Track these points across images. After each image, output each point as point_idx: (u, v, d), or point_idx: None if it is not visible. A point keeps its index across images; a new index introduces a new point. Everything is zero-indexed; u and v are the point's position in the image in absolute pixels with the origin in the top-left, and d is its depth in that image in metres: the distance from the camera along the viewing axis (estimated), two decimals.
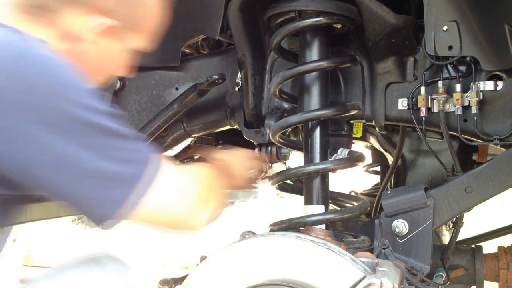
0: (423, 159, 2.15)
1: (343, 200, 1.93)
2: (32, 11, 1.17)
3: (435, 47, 1.61)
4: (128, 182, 1.11)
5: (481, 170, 1.65)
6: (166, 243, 7.01)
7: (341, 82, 1.89)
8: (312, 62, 1.70)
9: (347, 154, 1.77)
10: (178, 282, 1.74)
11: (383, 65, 1.79)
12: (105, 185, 1.09)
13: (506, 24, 1.51)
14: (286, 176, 1.76)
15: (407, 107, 1.77)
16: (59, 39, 1.19)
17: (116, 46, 1.27)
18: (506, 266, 1.91)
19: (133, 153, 1.12)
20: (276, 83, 1.73)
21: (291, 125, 1.73)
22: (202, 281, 1.39)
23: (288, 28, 1.67)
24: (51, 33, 1.18)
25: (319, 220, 1.63)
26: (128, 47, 1.30)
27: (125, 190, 1.10)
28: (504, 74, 1.65)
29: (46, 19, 1.17)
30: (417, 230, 1.62)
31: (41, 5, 1.17)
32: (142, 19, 1.28)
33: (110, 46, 1.25)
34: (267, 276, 1.34)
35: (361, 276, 1.27)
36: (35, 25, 1.17)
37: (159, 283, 1.76)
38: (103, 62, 1.27)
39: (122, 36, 1.26)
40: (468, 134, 1.70)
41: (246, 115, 2.00)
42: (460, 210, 1.68)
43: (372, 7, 1.64)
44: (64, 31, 1.19)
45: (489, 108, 1.68)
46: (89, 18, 1.19)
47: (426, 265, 1.61)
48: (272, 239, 1.38)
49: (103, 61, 1.27)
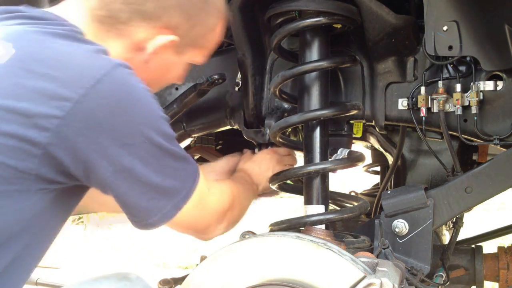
0: (423, 159, 2.15)
1: (343, 200, 1.93)
2: (105, 21, 1.29)
3: (435, 47, 1.61)
4: (172, 195, 1.27)
5: (481, 170, 1.65)
6: (166, 243, 7.01)
7: (341, 82, 1.89)
8: (312, 62, 1.70)
9: (347, 154, 1.77)
10: (178, 282, 1.74)
11: (383, 65, 1.79)
12: (153, 196, 1.24)
13: (506, 24, 1.51)
14: (286, 176, 1.76)
15: (407, 107, 1.76)
16: (126, 49, 1.32)
17: (174, 59, 1.40)
18: (506, 266, 1.91)
19: (181, 172, 1.28)
20: (276, 83, 1.73)
21: (291, 125, 1.73)
22: (202, 281, 1.39)
23: (288, 28, 1.66)
24: (119, 42, 1.31)
25: (319, 220, 1.63)
26: (185, 60, 1.43)
27: (168, 202, 1.27)
28: (504, 74, 1.65)
29: (117, 29, 1.30)
30: (417, 230, 1.62)
31: (114, 16, 1.29)
32: (201, 37, 1.40)
33: (169, 58, 1.38)
34: (267, 276, 1.34)
35: (361, 276, 1.27)
36: (106, 34, 1.30)
37: (159, 283, 1.76)
38: (161, 72, 1.41)
39: (181, 50, 1.38)
40: (468, 134, 1.70)
41: (246, 115, 2.00)
42: (460, 210, 1.67)
43: (372, 7, 1.64)
44: (132, 42, 1.32)
45: (489, 108, 1.68)
46: (154, 32, 1.31)
47: (426, 265, 1.61)
48: (272, 239, 1.38)
49: (161, 71, 1.40)
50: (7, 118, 1.11)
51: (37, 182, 1.15)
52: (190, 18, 1.35)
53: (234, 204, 1.52)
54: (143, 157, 1.20)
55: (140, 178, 1.21)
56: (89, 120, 1.13)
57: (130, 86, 1.19)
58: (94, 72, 1.14)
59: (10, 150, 1.11)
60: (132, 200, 1.24)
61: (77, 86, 1.12)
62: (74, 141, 1.13)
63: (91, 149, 1.14)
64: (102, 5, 1.29)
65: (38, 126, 1.11)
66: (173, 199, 1.27)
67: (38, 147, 1.12)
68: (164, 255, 6.36)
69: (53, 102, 1.11)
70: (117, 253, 6.37)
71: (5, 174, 1.12)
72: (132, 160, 1.18)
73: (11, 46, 1.17)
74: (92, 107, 1.13)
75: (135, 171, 1.19)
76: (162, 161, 1.23)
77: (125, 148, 1.17)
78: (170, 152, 1.25)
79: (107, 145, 1.15)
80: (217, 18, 1.43)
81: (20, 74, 1.13)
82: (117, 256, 6.35)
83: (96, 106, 1.13)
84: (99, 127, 1.14)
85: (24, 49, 1.17)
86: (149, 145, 1.20)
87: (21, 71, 1.14)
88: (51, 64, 1.14)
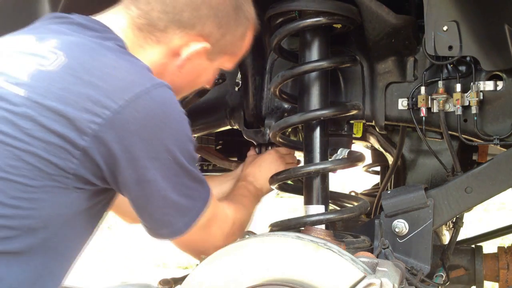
0: (423, 159, 2.15)
1: (343, 200, 1.93)
2: (144, 29, 1.41)
3: (435, 47, 1.61)
4: (184, 213, 1.36)
5: (481, 170, 1.65)
6: (166, 243, 7.01)
7: (341, 82, 1.89)
8: (312, 62, 1.70)
9: (347, 154, 1.77)
10: (178, 282, 1.74)
11: (383, 65, 1.79)
12: (167, 211, 1.34)
13: (506, 24, 1.51)
14: (286, 176, 1.76)
15: (407, 107, 1.76)
16: (162, 54, 1.43)
17: (206, 64, 1.50)
18: (506, 266, 1.91)
19: (195, 192, 1.37)
20: (276, 83, 1.73)
21: (291, 125, 1.73)
22: (202, 281, 1.39)
23: (288, 28, 1.67)
24: (157, 48, 1.42)
25: (319, 220, 1.63)
26: (215, 66, 1.53)
27: (179, 219, 1.36)
28: (504, 74, 1.65)
29: (155, 36, 1.41)
30: (417, 230, 1.62)
31: (153, 24, 1.40)
32: (231, 44, 1.51)
33: (201, 63, 1.48)
34: (267, 276, 1.34)
35: (361, 276, 1.27)
36: (145, 40, 1.41)
37: (159, 283, 1.76)
38: (193, 76, 1.51)
39: (212, 57, 1.49)
40: (468, 134, 1.70)
41: (246, 115, 2.00)
42: (460, 210, 1.67)
43: (372, 7, 1.64)
44: (168, 48, 1.43)
45: (489, 108, 1.68)
46: (189, 39, 1.42)
47: (426, 265, 1.61)
48: (272, 239, 1.38)
49: (193, 75, 1.50)
50: (54, 118, 1.20)
51: (75, 181, 1.24)
52: (222, 27, 1.45)
53: (234, 230, 1.60)
54: (165, 172, 1.29)
55: (159, 191, 1.30)
56: (123, 129, 1.22)
57: (167, 105, 1.29)
58: (135, 87, 1.24)
59: (55, 148, 1.20)
60: (147, 210, 1.34)
61: (118, 97, 1.22)
62: (108, 147, 1.22)
63: (121, 157, 1.24)
64: (142, 13, 1.40)
65: (79, 129, 1.20)
66: (184, 216, 1.36)
67: (78, 148, 1.21)
68: (164, 255, 6.36)
69: (95, 109, 1.21)
70: (117, 253, 6.37)
71: (48, 170, 1.21)
72: (155, 174, 1.27)
73: (62, 54, 1.27)
74: (128, 119, 1.22)
75: (155, 184, 1.28)
76: (181, 179, 1.32)
77: (151, 161, 1.26)
78: (189, 173, 1.34)
79: (136, 156, 1.25)
80: (246, 28, 1.53)
81: (69, 80, 1.23)
82: (117, 256, 6.35)
83: (132, 119, 1.23)
84: (131, 138, 1.23)
85: (75, 59, 1.26)
86: (173, 163, 1.29)
87: (71, 78, 1.23)
88: (98, 74, 1.24)
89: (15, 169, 1.19)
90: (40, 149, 1.19)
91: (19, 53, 1.31)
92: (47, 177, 1.21)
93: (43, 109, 1.20)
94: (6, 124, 1.20)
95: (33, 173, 1.20)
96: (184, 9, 1.40)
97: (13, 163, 1.19)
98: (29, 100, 1.21)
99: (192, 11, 1.41)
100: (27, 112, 1.20)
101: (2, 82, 1.25)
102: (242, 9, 1.49)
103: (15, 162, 1.19)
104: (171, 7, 1.40)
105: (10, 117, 1.20)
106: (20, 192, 1.19)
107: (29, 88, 1.23)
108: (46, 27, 1.39)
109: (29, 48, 1.31)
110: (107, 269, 5.66)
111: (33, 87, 1.23)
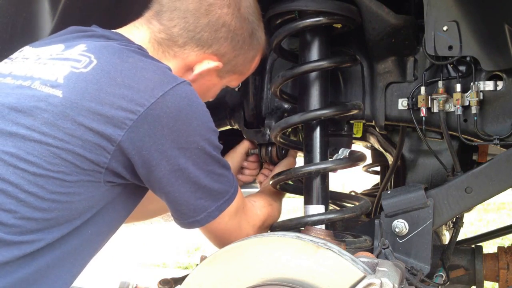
0: (423, 159, 2.15)
1: (343, 200, 1.92)
2: (163, 43, 1.51)
3: (435, 47, 1.61)
4: (216, 197, 1.43)
5: (481, 170, 1.65)
6: (166, 243, 7.02)
7: (341, 82, 1.89)
8: (312, 62, 1.70)
9: (348, 154, 1.77)
10: (178, 282, 1.74)
11: (383, 65, 1.79)
12: (201, 196, 1.41)
13: (506, 24, 1.51)
14: (287, 176, 1.76)
15: (407, 107, 1.77)
16: (177, 68, 1.52)
17: (215, 81, 1.61)
18: (506, 266, 1.91)
19: (224, 178, 1.45)
20: (276, 83, 1.74)
21: (291, 125, 1.73)
22: (202, 281, 1.39)
23: (288, 28, 1.67)
24: (173, 62, 1.51)
25: (319, 220, 1.63)
26: (223, 83, 1.66)
27: (212, 203, 1.43)
28: (504, 74, 1.65)
29: (173, 51, 1.51)
30: (417, 230, 1.62)
31: (172, 40, 1.50)
32: (241, 65, 1.62)
33: (211, 80, 1.60)
34: (267, 276, 1.34)
35: (361, 276, 1.27)
36: (163, 54, 1.51)
37: (159, 283, 1.76)
38: (202, 91, 1.58)
39: (222, 75, 1.60)
40: (468, 134, 1.70)
41: (246, 115, 2.00)
42: (460, 210, 1.68)
43: (372, 7, 1.64)
44: (183, 63, 1.53)
45: (489, 108, 1.68)
46: (203, 57, 1.53)
47: (426, 265, 1.61)
48: (272, 239, 1.38)
49: (202, 90, 1.58)
50: (92, 117, 1.28)
51: (107, 175, 1.32)
52: (236, 49, 1.56)
53: (267, 221, 1.67)
54: (195, 160, 1.37)
55: (192, 178, 1.37)
56: (155, 124, 1.31)
57: (191, 100, 1.37)
58: (163, 86, 1.33)
59: (90, 145, 1.28)
60: (182, 197, 1.40)
61: (149, 95, 1.31)
62: (142, 141, 1.31)
63: (154, 149, 1.32)
64: (164, 28, 1.50)
65: (115, 125, 1.29)
66: (217, 201, 1.44)
67: (113, 143, 1.29)
68: (164, 255, 6.37)
69: (130, 107, 1.29)
70: (117, 253, 6.37)
71: (84, 165, 1.29)
72: (186, 162, 1.36)
73: (93, 57, 1.36)
74: (159, 114, 1.31)
75: (188, 171, 1.36)
76: (210, 166, 1.41)
77: (182, 151, 1.35)
78: (217, 160, 1.42)
79: (168, 147, 1.33)
80: (257, 51, 1.64)
81: (103, 81, 1.31)
82: (117, 256, 6.36)
83: (162, 113, 1.31)
84: (162, 131, 1.31)
85: (106, 61, 1.35)
86: (201, 151, 1.38)
87: (104, 79, 1.31)
88: (129, 75, 1.33)
89: (54, 166, 1.27)
90: (77, 147, 1.28)
91: (51, 59, 1.39)
92: (82, 172, 1.29)
93: (81, 109, 1.28)
94: (46, 125, 1.28)
95: (70, 169, 1.28)
96: (205, 29, 1.50)
97: (52, 161, 1.27)
98: (67, 100, 1.29)
99: (212, 32, 1.50)
100: (65, 112, 1.28)
101: (38, 85, 1.33)
102: (256, 35, 1.60)
103: (54, 160, 1.27)
104: (193, 26, 1.49)
105: (49, 118, 1.28)
106: (58, 187, 1.28)
107: (66, 89, 1.30)
108: (72, 36, 1.49)
109: (60, 54, 1.40)
110: (107, 269, 5.66)
111: (70, 89, 1.30)
